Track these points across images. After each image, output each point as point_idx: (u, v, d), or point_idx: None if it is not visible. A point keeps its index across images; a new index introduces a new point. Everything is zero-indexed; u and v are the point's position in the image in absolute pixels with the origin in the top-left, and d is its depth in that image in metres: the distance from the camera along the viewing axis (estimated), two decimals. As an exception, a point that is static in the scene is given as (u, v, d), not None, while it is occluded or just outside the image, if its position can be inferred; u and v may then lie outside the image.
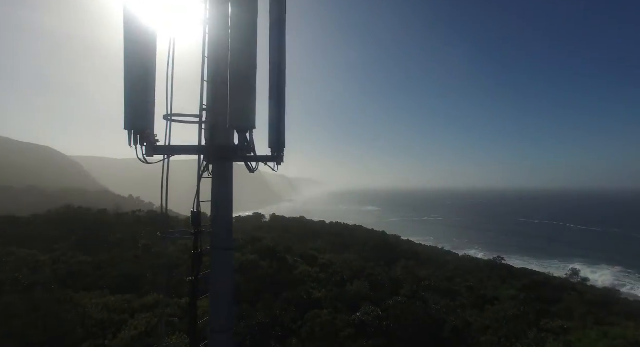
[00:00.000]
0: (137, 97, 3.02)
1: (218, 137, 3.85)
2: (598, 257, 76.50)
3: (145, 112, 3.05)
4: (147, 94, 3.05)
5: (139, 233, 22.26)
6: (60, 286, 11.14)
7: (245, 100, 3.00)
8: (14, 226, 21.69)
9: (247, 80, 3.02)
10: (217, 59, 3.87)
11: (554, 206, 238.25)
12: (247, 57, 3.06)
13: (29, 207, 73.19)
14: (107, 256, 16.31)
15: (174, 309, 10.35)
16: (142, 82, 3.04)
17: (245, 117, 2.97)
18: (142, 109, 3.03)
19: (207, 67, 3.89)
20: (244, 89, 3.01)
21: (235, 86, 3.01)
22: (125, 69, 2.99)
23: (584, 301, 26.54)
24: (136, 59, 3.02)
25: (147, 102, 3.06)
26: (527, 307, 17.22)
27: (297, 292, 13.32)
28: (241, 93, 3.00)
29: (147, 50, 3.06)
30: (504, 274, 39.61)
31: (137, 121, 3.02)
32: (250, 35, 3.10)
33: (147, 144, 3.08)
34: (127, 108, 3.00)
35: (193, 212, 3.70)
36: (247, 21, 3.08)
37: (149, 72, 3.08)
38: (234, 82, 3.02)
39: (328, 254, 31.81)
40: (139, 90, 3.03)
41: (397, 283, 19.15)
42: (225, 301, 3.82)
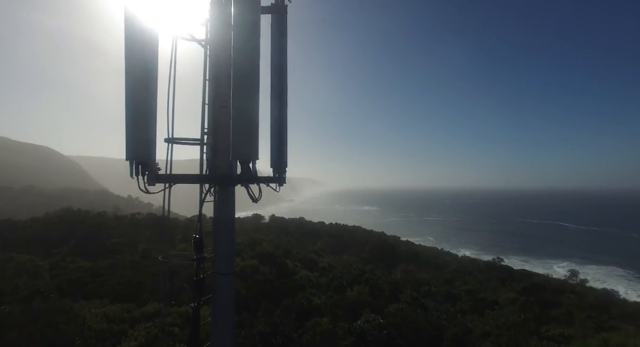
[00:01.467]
0: (139, 127, 2.97)
1: (220, 162, 3.81)
2: (598, 258, 76.70)
3: (148, 143, 2.99)
4: (148, 123, 3.00)
5: (138, 237, 22.17)
6: (59, 294, 11.08)
7: (248, 131, 2.95)
8: (13, 230, 21.60)
9: (249, 110, 2.96)
10: (217, 82, 3.82)
11: (554, 205, 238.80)
12: (249, 87, 2.99)
13: (28, 208, 73.14)
14: (106, 261, 16.23)
15: (174, 318, 10.29)
16: (144, 113, 2.98)
17: (249, 148, 2.92)
18: (144, 139, 2.98)
19: (208, 91, 3.84)
20: (246, 119, 2.95)
21: (238, 116, 2.95)
22: (127, 101, 2.93)
23: (584, 303, 26.59)
24: (139, 91, 2.97)
25: (148, 131, 3.00)
26: (527, 313, 17.22)
27: (297, 299, 13.28)
28: (244, 124, 2.94)
29: (148, 78, 3.00)
30: (503, 275, 39.69)
31: (139, 152, 2.97)
32: (253, 68, 3.05)
33: (149, 174, 3.03)
34: (129, 139, 2.95)
35: (195, 238, 3.66)
36: (250, 48, 3.02)
37: (150, 100, 3.02)
38: (236, 112, 2.96)
39: (328, 256, 31.81)
40: (141, 121, 2.98)
41: (397, 288, 19.13)
42: (227, 326, 3.78)
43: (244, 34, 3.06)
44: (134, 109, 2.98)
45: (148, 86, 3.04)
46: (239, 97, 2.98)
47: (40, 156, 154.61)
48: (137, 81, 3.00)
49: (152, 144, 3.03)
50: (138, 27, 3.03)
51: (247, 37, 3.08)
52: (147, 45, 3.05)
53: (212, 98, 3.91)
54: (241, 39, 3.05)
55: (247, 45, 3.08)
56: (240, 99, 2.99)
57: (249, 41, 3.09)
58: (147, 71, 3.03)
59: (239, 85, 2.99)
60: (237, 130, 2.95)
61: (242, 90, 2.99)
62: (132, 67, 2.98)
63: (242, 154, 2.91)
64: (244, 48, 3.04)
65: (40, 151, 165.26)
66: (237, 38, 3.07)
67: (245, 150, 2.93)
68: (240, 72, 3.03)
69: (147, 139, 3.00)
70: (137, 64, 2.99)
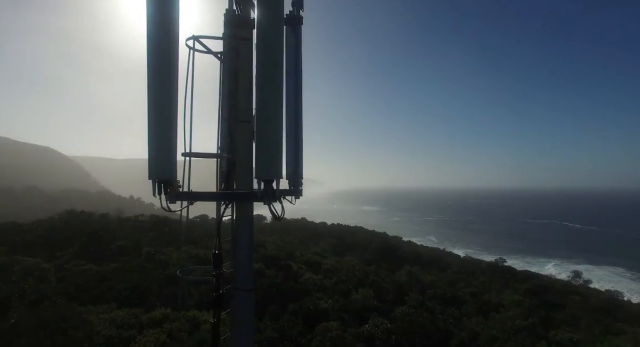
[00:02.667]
0: (161, 146, 2.93)
1: (239, 177, 3.78)
2: (601, 258, 76.45)
3: (170, 161, 2.97)
4: (170, 140, 2.97)
5: (141, 239, 22.19)
6: (66, 299, 11.07)
7: (272, 149, 2.90)
8: (18, 232, 21.65)
9: (274, 129, 2.90)
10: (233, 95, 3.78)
11: (555, 205, 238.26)
12: (273, 101, 2.95)
13: (30, 208, 73.35)
14: (111, 265, 16.25)
15: (182, 323, 10.27)
16: (167, 130, 2.95)
17: (273, 167, 2.88)
18: (166, 158, 2.95)
19: (224, 104, 3.80)
20: (270, 138, 2.91)
21: (262, 134, 2.91)
22: (151, 118, 2.90)
23: (588, 305, 26.54)
24: (162, 108, 2.93)
25: (171, 149, 2.97)
26: (533, 317, 17.17)
27: (304, 302, 13.26)
28: (268, 142, 2.90)
29: (170, 95, 2.96)
30: (506, 276, 39.63)
31: (162, 171, 2.94)
32: (277, 87, 3.01)
33: (170, 193, 3.01)
34: (152, 157, 2.91)
35: (214, 253, 3.63)
36: (274, 65, 2.96)
37: (172, 117, 2.99)
38: (260, 129, 2.92)
39: (331, 257, 31.78)
40: (164, 139, 2.94)
41: (402, 290, 19.10)
42: (246, 341, 3.75)
43: (268, 50, 3.00)
44: (156, 126, 2.95)
45: (171, 102, 3.01)
46: (264, 116, 2.94)
47: (41, 157, 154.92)
48: (161, 98, 2.97)
49: (174, 162, 3.01)
50: (161, 43, 3.00)
51: (271, 54, 3.02)
52: (170, 60, 3.02)
53: (228, 111, 3.87)
54: (265, 54, 3.00)
55: (271, 61, 3.01)
56: (265, 118, 2.94)
57: (273, 57, 3.03)
58: (170, 88, 3.00)
59: (264, 104, 2.95)
60: (261, 149, 2.91)
61: (267, 109, 2.95)
62: (155, 85, 2.94)
63: (266, 173, 2.88)
64: (268, 66, 2.97)
65: (41, 152, 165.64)
66: (261, 53, 3.02)
67: (269, 169, 2.89)
68: (264, 90, 2.99)
69: (169, 157, 2.97)
70: (161, 82, 2.95)
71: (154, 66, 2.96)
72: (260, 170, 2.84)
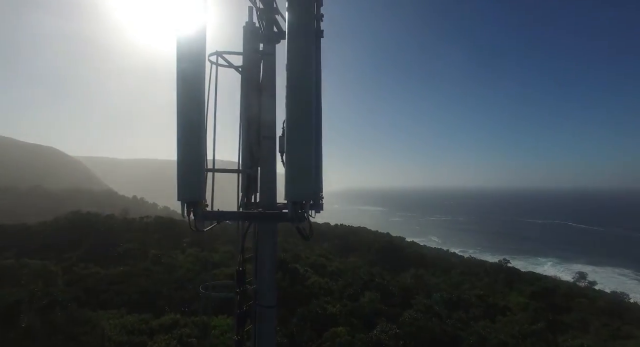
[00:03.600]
0: (191, 167, 2.92)
1: (263, 194, 3.75)
2: (604, 259, 75.99)
3: (199, 182, 2.95)
4: (200, 160, 2.95)
5: (147, 241, 22.28)
6: (76, 303, 11.12)
7: (303, 170, 2.84)
8: (26, 234, 21.83)
9: (305, 147, 2.84)
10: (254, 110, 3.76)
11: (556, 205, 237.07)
12: (304, 118, 2.86)
13: (35, 208, 73.83)
14: (119, 268, 16.31)
15: (191, 329, 10.29)
16: (196, 151, 2.93)
17: (303, 189, 2.83)
18: (196, 179, 2.93)
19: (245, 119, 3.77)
20: (301, 157, 2.84)
21: (293, 154, 2.84)
22: (180, 138, 2.88)
23: (595, 308, 26.36)
24: (192, 128, 2.91)
25: (200, 169, 2.96)
26: (540, 320, 17.08)
27: (312, 307, 13.25)
28: (299, 163, 2.84)
29: (199, 113, 2.94)
30: (511, 277, 39.48)
31: (191, 194, 2.93)
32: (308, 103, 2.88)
33: (198, 214, 2.99)
34: (181, 178, 2.90)
35: (238, 270, 3.62)
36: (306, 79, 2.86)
37: (201, 136, 2.97)
38: (291, 148, 2.85)
39: (335, 259, 31.78)
40: (193, 160, 2.93)
41: (408, 293, 19.07)
42: (269, 358, 3.74)
43: (299, 64, 2.88)
44: (185, 146, 2.93)
45: (200, 122, 2.99)
46: (294, 134, 2.86)
47: (46, 156, 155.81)
48: (190, 119, 2.95)
49: (202, 183, 2.99)
50: (189, 63, 2.97)
51: (302, 68, 2.91)
52: (199, 80, 3.00)
53: (248, 126, 3.84)
54: (296, 69, 2.87)
55: (304, 76, 2.89)
56: (295, 135, 2.86)
57: (305, 72, 2.92)
58: (198, 108, 2.97)
59: (295, 122, 2.86)
60: (291, 169, 2.84)
61: (298, 127, 2.86)
62: (184, 106, 2.92)
63: (297, 195, 2.82)
64: (300, 80, 2.88)
65: (45, 151, 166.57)
66: (292, 68, 2.88)
67: (300, 191, 2.84)
68: (294, 106, 2.88)
69: (198, 178, 2.96)
70: (189, 103, 2.93)
71: (184, 87, 2.94)
72: (291, 192, 2.79)
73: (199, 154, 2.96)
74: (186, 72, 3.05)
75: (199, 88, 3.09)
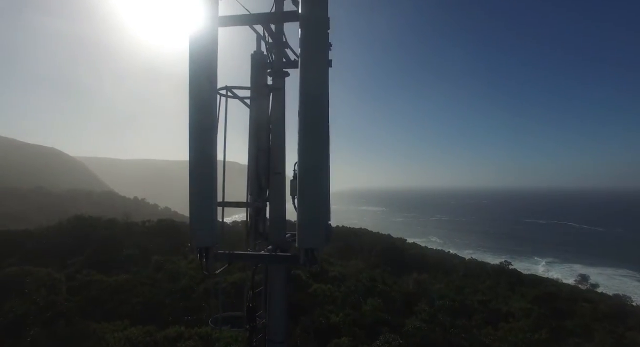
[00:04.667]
0: (204, 212, 2.93)
1: (272, 231, 3.75)
2: (606, 259, 75.81)
3: (212, 226, 2.95)
4: (212, 203, 2.95)
5: (150, 246, 22.31)
6: (80, 314, 11.13)
7: (315, 216, 2.81)
8: (30, 240, 21.91)
9: (318, 194, 2.77)
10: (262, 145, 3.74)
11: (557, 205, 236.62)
12: (319, 157, 2.79)
13: (36, 209, 73.97)
14: (122, 275, 16.34)
15: (195, 341, 10.29)
16: (208, 194, 2.93)
17: (316, 236, 2.80)
18: (208, 224, 2.94)
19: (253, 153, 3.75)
20: (314, 203, 2.80)
21: (306, 200, 2.80)
22: (192, 182, 2.88)
23: (598, 313, 26.30)
24: (203, 171, 2.92)
25: (212, 213, 2.96)
26: (543, 328, 17.06)
27: (315, 316, 13.24)
28: (311, 209, 2.80)
29: (211, 152, 2.92)
30: (512, 280, 39.44)
31: (204, 238, 2.94)
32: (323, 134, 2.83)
33: (211, 257, 2.99)
34: (195, 223, 2.90)
35: (248, 306, 3.61)
36: (321, 121, 2.80)
37: (213, 177, 2.96)
38: (303, 187, 2.79)
39: (337, 262, 31.73)
40: (206, 205, 2.93)
41: (411, 300, 19.07)
42: (277, 391, 3.73)
43: (313, 106, 2.82)
44: (198, 191, 2.94)
45: (211, 162, 2.98)
46: (307, 183, 2.79)
47: (47, 157, 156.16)
48: (203, 163, 2.95)
49: (215, 227, 2.98)
50: (202, 100, 2.97)
51: (316, 112, 2.84)
52: (211, 117, 3.00)
53: (256, 160, 3.81)
54: (310, 111, 2.80)
55: (317, 117, 2.82)
56: (309, 186, 2.78)
57: (319, 114, 2.84)
58: (210, 148, 2.96)
59: (308, 171, 2.77)
60: (303, 217, 2.81)
61: (311, 178, 2.77)
62: (197, 146, 2.93)
63: (310, 242, 2.81)
64: (314, 121, 2.81)
65: (47, 152, 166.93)
66: (305, 111, 2.79)
67: (312, 238, 2.81)
68: (308, 153, 2.77)
69: (211, 223, 2.96)
70: (202, 145, 2.93)
71: (196, 125, 2.95)
72: (303, 240, 2.76)
73: (211, 195, 2.95)
74: (198, 106, 3.05)
75: (210, 123, 3.09)
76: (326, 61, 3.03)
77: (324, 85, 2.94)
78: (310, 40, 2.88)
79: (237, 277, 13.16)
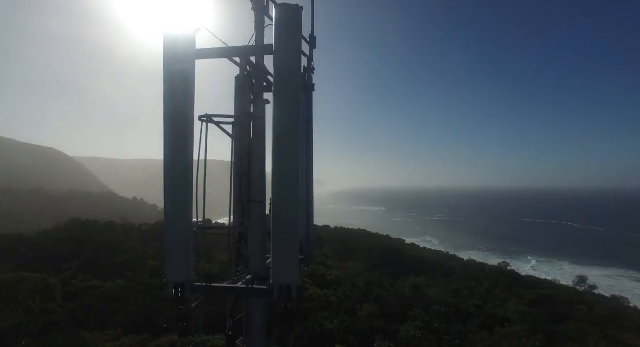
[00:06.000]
0: (178, 247, 2.93)
1: (252, 260, 3.74)
2: (606, 260, 75.86)
3: (187, 262, 2.95)
4: (186, 240, 2.94)
5: (146, 251, 22.32)
6: (74, 324, 11.12)
7: (290, 251, 2.82)
8: (25, 245, 21.90)
9: (291, 226, 2.81)
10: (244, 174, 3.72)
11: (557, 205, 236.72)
12: (290, 193, 2.82)
13: (35, 211, 73.96)
14: (117, 281, 16.33)
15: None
16: (184, 229, 2.94)
17: (291, 272, 2.80)
18: (184, 260, 2.94)
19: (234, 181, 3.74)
20: (287, 236, 2.81)
21: (279, 233, 2.82)
22: (166, 210, 2.89)
23: (595, 316, 26.35)
24: (176, 202, 2.94)
25: (188, 247, 2.95)
26: (539, 332, 17.08)
27: (310, 323, 13.25)
28: (286, 242, 2.81)
29: (186, 188, 2.93)
30: (510, 282, 39.50)
31: (179, 274, 2.94)
32: (294, 173, 2.87)
33: (186, 292, 3.00)
34: (170, 261, 2.90)
35: (228, 335, 3.61)
36: (291, 153, 2.82)
37: (187, 213, 2.96)
38: (277, 228, 2.82)
39: (334, 265, 31.73)
40: (181, 242, 2.94)
41: (407, 304, 19.08)
42: None
43: (284, 136, 2.83)
44: (173, 220, 2.95)
45: (186, 185, 2.97)
46: (283, 214, 2.82)
47: (46, 158, 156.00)
48: (178, 207, 2.96)
49: (191, 259, 2.98)
50: (177, 126, 2.98)
51: (288, 142, 2.85)
52: (186, 143, 3.00)
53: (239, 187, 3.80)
54: (282, 141, 2.77)
55: (290, 148, 2.83)
56: (283, 217, 2.82)
57: (291, 145, 2.86)
58: (185, 172, 2.95)
59: (281, 202, 2.82)
60: (278, 250, 2.82)
61: (285, 203, 2.81)
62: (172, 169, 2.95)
63: (283, 279, 2.81)
64: (286, 155, 2.83)
65: (46, 153, 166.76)
66: (277, 139, 2.83)
67: (287, 274, 2.82)
68: (281, 183, 2.79)
69: (186, 258, 2.96)
70: (177, 166, 2.95)
71: (172, 154, 2.95)
72: (278, 275, 2.77)
73: (186, 225, 2.95)
74: (173, 136, 3.06)
75: (185, 153, 3.09)
76: (297, 93, 3.01)
77: (294, 115, 2.93)
78: (282, 72, 2.89)
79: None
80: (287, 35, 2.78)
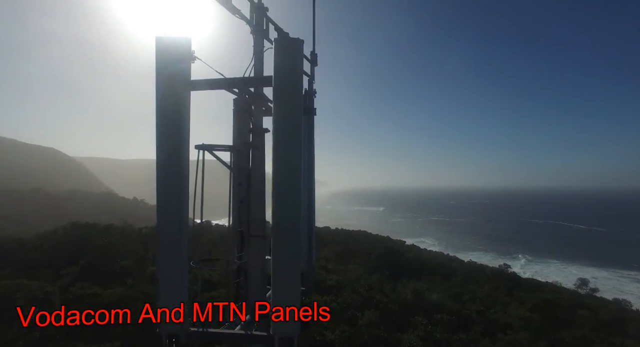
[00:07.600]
0: (172, 290, 2.78)
1: (252, 293, 3.56)
2: (606, 260, 75.67)
3: (180, 290, 2.80)
4: (182, 282, 2.78)
5: (145, 256, 22.16)
6: (70, 336, 10.95)
7: (290, 295, 2.64)
8: (23, 251, 21.73)
9: (291, 269, 2.65)
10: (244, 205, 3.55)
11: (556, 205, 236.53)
12: (292, 237, 2.66)
13: (35, 211, 73.80)
14: (117, 288, 16.16)
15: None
16: (178, 279, 2.78)
17: (291, 325, 2.62)
18: (177, 309, 2.77)
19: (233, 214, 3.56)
20: (287, 278, 2.64)
21: (278, 277, 2.65)
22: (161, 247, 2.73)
23: (597, 321, 26.14)
24: (170, 242, 2.79)
25: (182, 294, 2.79)
26: (541, 339, 16.92)
27: (310, 333, 13.07)
28: (285, 286, 2.63)
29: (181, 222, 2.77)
30: (511, 284, 39.35)
31: (172, 325, 2.77)
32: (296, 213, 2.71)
33: (181, 341, 2.82)
34: (163, 306, 2.74)
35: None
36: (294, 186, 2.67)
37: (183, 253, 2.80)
38: (276, 272, 2.66)
39: (335, 268, 31.57)
40: (174, 279, 2.79)
41: (408, 311, 18.94)
42: None
43: (284, 167, 2.69)
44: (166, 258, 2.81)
45: (182, 225, 2.81)
46: (282, 263, 2.66)
47: (46, 158, 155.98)
48: (171, 248, 2.80)
49: (185, 306, 2.81)
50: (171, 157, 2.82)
51: (288, 173, 2.71)
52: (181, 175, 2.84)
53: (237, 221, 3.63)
54: (282, 172, 2.71)
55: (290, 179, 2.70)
56: (283, 265, 2.66)
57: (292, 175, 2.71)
58: (179, 206, 2.80)
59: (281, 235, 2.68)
60: (277, 298, 2.66)
61: (284, 260, 2.67)
62: (165, 209, 2.80)
63: (283, 331, 2.64)
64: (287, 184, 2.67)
65: (47, 153, 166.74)
66: (277, 170, 2.74)
67: (287, 326, 2.65)
68: (282, 213, 2.70)
69: (180, 298, 2.80)
70: (170, 205, 2.80)
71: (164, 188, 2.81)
72: (278, 326, 2.59)
73: (182, 278, 2.79)
74: (166, 168, 2.90)
75: (180, 184, 2.93)
76: (299, 123, 2.86)
77: (296, 145, 2.80)
78: (281, 105, 2.74)
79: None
80: (287, 71, 2.62)
